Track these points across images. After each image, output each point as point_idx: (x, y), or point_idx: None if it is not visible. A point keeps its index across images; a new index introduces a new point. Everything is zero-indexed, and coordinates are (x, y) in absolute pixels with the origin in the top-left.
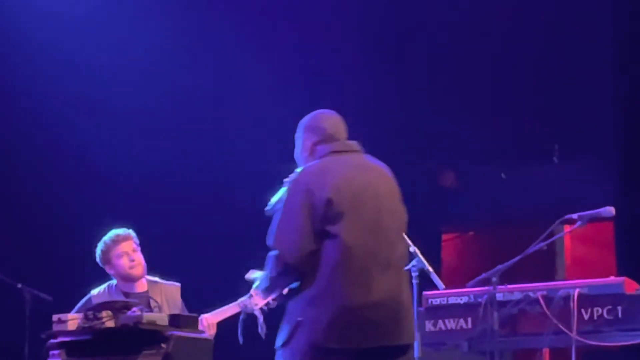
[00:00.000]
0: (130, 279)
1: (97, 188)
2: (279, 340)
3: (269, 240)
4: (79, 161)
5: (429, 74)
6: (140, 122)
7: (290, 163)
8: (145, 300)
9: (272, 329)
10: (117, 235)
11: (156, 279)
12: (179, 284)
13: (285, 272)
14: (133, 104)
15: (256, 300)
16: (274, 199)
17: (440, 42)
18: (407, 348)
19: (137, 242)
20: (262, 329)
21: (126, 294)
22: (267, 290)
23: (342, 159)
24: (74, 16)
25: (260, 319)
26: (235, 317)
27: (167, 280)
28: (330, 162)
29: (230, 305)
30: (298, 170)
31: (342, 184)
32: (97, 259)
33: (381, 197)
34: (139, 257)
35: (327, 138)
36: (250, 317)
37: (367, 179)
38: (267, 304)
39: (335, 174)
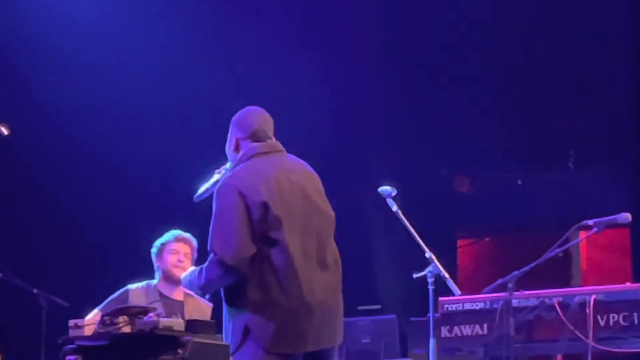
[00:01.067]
0: (169, 278)
1: (116, 194)
2: (231, 347)
3: (208, 246)
4: (99, 167)
5: (444, 81)
6: (161, 126)
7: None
8: (180, 308)
9: None
10: (180, 235)
11: (192, 293)
12: (211, 304)
13: (225, 275)
14: (152, 106)
15: None
16: (203, 187)
17: (456, 48)
18: (335, 350)
19: (195, 253)
20: None
21: (163, 297)
22: (203, 290)
23: (268, 160)
24: (91, 18)
25: None
26: None
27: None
28: (258, 165)
29: None
30: (227, 165)
31: (274, 187)
32: (153, 252)
33: (309, 198)
34: (188, 264)
35: (251, 135)
36: None
37: (295, 181)
38: None
39: (265, 176)
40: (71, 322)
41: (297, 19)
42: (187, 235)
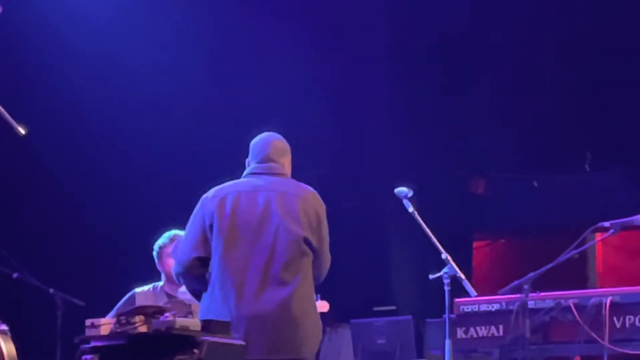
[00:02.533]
0: (172, 280)
1: (134, 192)
2: None
3: None
4: (117, 166)
5: (461, 82)
6: (177, 126)
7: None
8: (186, 308)
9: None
10: (176, 235)
11: None
12: None
13: (179, 278)
14: (168, 105)
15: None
16: None
17: (473, 50)
18: None
19: None
20: None
21: (170, 297)
22: (193, 295)
23: (253, 179)
24: (107, 15)
25: None
26: None
27: None
28: (240, 182)
29: None
30: None
31: (229, 201)
32: (154, 253)
33: (272, 217)
34: None
35: (252, 158)
36: None
37: (260, 200)
38: None
39: (230, 191)
40: (87, 322)
41: (310, 18)
42: (180, 234)
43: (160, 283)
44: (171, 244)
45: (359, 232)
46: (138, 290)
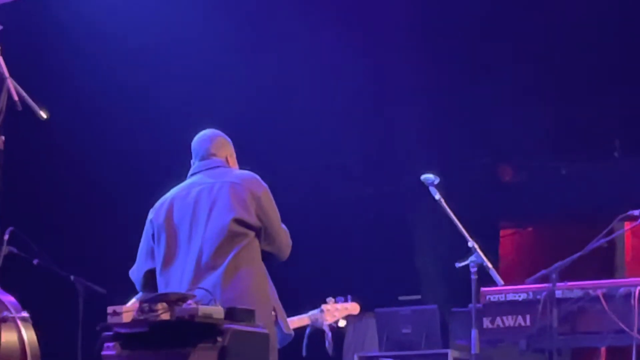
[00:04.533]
0: None
1: (160, 179)
2: None
3: None
4: (138, 152)
5: (486, 66)
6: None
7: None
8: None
9: (339, 349)
10: None
11: None
12: None
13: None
14: (191, 97)
15: (327, 316)
16: None
17: (498, 31)
18: None
19: None
20: (329, 345)
21: None
22: None
23: (187, 182)
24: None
25: (329, 335)
26: (302, 329)
27: None
28: (178, 187)
29: (301, 316)
30: None
31: (164, 209)
32: None
33: (199, 211)
34: None
35: (194, 157)
36: (317, 332)
37: (191, 200)
38: (337, 321)
39: (166, 198)
40: (109, 309)
41: (334, 4)
42: None
43: None
44: None
45: (384, 220)
46: None
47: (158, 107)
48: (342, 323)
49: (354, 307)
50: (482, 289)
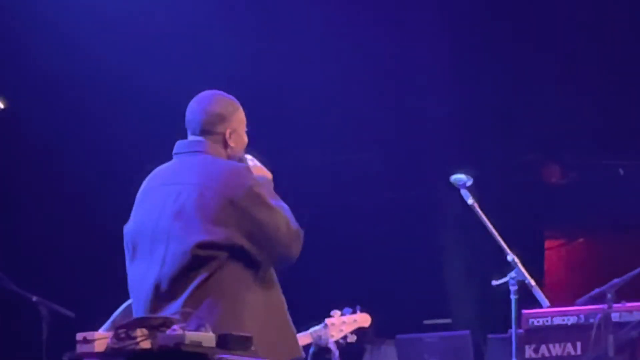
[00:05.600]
0: None
1: (136, 183)
2: None
3: None
4: (112, 155)
5: (529, 48)
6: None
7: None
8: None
9: None
10: None
11: None
12: None
13: None
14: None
15: (332, 331)
16: None
17: (544, 13)
18: None
19: None
20: None
21: None
22: None
23: (167, 166)
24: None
25: (336, 354)
26: (305, 348)
27: None
28: (157, 169)
29: (302, 334)
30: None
31: (137, 200)
32: None
33: (163, 220)
34: None
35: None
36: (322, 351)
37: (160, 198)
38: (345, 337)
39: (143, 186)
40: (79, 336)
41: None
42: None
43: None
44: None
45: (407, 228)
46: None
47: (142, 97)
48: (351, 339)
49: (364, 319)
50: (524, 311)
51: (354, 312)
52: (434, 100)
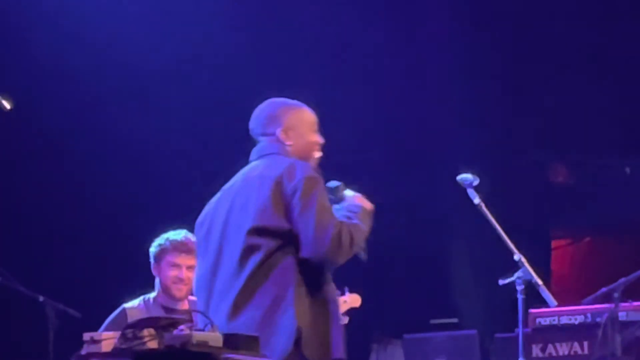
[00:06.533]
0: (169, 294)
1: (137, 189)
2: None
3: None
4: (119, 158)
5: (536, 45)
6: (178, 117)
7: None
8: (189, 318)
9: None
10: (183, 244)
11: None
12: None
13: None
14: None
15: None
16: None
17: (548, 9)
18: None
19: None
20: None
21: (167, 310)
22: None
23: (238, 176)
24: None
25: None
26: None
27: None
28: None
29: None
30: None
31: (206, 212)
32: (151, 253)
33: (229, 216)
34: (190, 278)
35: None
36: None
37: (227, 198)
38: None
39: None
40: (86, 336)
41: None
42: (190, 242)
43: (152, 294)
44: (174, 253)
45: (413, 229)
46: (128, 305)
47: (157, 98)
48: (344, 320)
49: (354, 300)
50: (531, 310)
51: (343, 293)
52: (440, 96)
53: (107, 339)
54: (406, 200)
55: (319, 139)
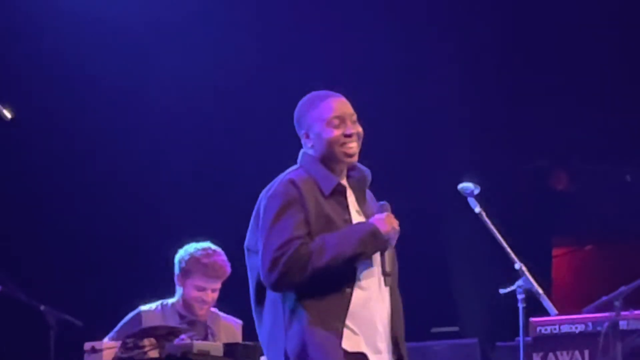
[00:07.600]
0: (190, 310)
1: (140, 197)
2: None
3: None
4: (122, 165)
5: (537, 54)
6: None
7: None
8: (203, 330)
9: None
10: (213, 270)
11: (216, 310)
12: (240, 321)
13: None
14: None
15: None
16: None
17: (549, 20)
18: None
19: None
20: None
21: (183, 317)
22: None
23: None
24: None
25: None
26: None
27: (229, 314)
28: None
29: None
30: None
31: None
32: (177, 262)
33: None
34: (214, 298)
35: None
36: None
37: None
38: None
39: None
40: (87, 346)
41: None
42: (223, 269)
43: (171, 300)
44: (205, 277)
45: (413, 237)
46: (144, 308)
47: (155, 101)
48: None
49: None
50: (532, 319)
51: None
52: (440, 103)
53: (108, 348)
54: (407, 209)
55: (336, 132)
